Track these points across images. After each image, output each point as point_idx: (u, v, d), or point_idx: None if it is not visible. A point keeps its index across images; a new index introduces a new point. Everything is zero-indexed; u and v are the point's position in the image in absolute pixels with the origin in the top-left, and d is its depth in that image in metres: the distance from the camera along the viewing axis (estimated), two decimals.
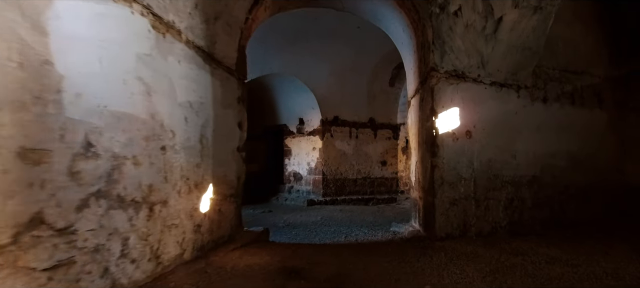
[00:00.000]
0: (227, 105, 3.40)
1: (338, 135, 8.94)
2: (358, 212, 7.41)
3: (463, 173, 3.66)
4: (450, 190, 3.60)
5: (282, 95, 9.31)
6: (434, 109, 3.58)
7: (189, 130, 2.64)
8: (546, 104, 4.47)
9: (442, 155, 3.58)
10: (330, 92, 8.78)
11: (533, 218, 4.20)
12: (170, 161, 2.38)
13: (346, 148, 9.01)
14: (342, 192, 8.88)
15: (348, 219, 6.31)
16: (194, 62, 2.74)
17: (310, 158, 8.99)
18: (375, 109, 9.43)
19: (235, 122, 3.60)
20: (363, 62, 8.65)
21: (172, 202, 2.41)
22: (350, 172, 9.02)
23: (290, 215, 6.77)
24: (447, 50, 3.61)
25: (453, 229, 3.59)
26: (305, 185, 9.09)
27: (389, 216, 6.86)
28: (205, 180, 2.90)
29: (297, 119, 9.33)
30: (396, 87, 9.53)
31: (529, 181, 4.17)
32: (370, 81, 9.08)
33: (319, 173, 8.74)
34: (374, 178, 9.34)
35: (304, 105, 9.06)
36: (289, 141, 9.54)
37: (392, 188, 9.58)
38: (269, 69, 8.20)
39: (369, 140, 9.33)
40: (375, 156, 9.39)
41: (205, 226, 2.90)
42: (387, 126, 9.60)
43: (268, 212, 7.35)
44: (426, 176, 3.84)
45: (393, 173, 9.61)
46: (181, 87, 2.54)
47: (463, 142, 3.68)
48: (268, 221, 6.05)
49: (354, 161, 9.08)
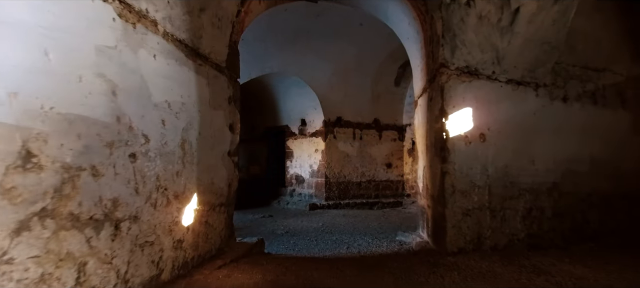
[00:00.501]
0: (216, 105, 3.09)
1: (341, 136, 8.60)
2: (362, 217, 7.07)
3: (476, 180, 3.31)
4: (463, 199, 3.25)
5: (284, 96, 9.00)
6: (444, 109, 3.24)
7: (167, 134, 2.33)
8: (566, 104, 4.09)
9: (453, 160, 3.23)
10: (332, 92, 8.45)
11: (553, 229, 3.83)
12: (143, 170, 2.08)
13: (350, 150, 8.68)
14: (345, 196, 8.55)
15: (351, 225, 5.98)
16: (174, 57, 2.43)
17: (312, 160, 8.67)
18: (380, 109, 9.09)
19: (226, 124, 3.29)
20: (367, 60, 8.30)
21: (145, 216, 2.11)
22: (354, 175, 8.68)
23: (291, 221, 6.46)
24: (459, 45, 3.27)
25: (466, 243, 3.24)
26: (307, 189, 8.77)
27: (395, 222, 6.52)
28: (188, 190, 2.59)
29: (299, 119, 9.02)
30: (402, 87, 9.17)
31: (548, 189, 3.80)
32: (375, 80, 8.74)
33: (321, 176, 8.42)
34: (379, 181, 8.99)
35: (305, 105, 8.74)
36: (290, 143, 9.23)
37: (398, 192, 9.22)
38: (270, 68, 7.90)
39: (373, 141, 8.98)
40: (380, 158, 9.04)
41: (188, 241, 2.59)
42: (392, 127, 9.25)
43: (268, 216, 7.05)
44: (435, 183, 3.49)
45: (399, 176, 9.26)
46: (157, 85, 2.24)
47: (476, 145, 3.33)
48: (267, 228, 5.74)
49: (358, 163, 8.74)
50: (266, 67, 7.87)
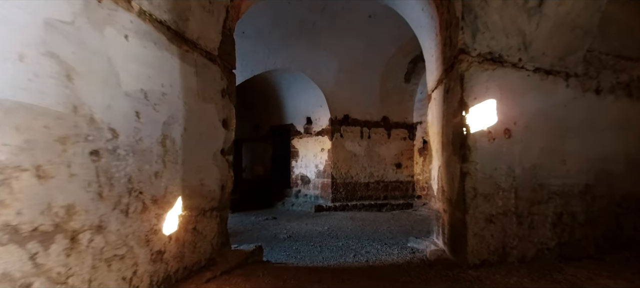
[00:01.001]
0: (207, 98, 2.76)
1: (348, 135, 8.23)
2: (370, 220, 6.69)
3: (501, 182, 2.91)
4: (486, 204, 2.86)
5: (289, 93, 8.67)
6: (464, 101, 2.85)
7: (143, 128, 2.00)
8: (599, 96, 3.66)
9: (474, 159, 2.84)
10: (339, 89, 8.08)
11: (586, 237, 3.41)
12: (109, 170, 1.75)
13: (357, 150, 8.30)
14: (353, 197, 8.17)
15: (359, 229, 5.61)
16: (152, 39, 2.11)
17: (318, 160, 8.31)
18: (389, 106, 8.68)
19: (218, 119, 2.96)
20: (375, 56, 7.92)
21: (113, 225, 1.78)
22: (361, 175, 8.30)
23: (295, 224, 6.12)
24: (480, 28, 2.88)
25: (489, 254, 2.85)
26: (313, 190, 8.42)
27: (406, 225, 6.12)
28: (171, 193, 2.26)
29: (304, 118, 8.67)
30: (412, 83, 8.76)
31: (581, 191, 3.38)
32: (384, 77, 8.34)
33: (327, 177, 8.06)
34: (388, 182, 8.59)
35: (311, 103, 8.39)
36: (296, 142, 8.89)
37: (408, 193, 8.81)
38: (273, 64, 7.58)
39: (382, 140, 8.59)
40: (389, 158, 8.64)
41: (170, 252, 2.26)
42: (402, 125, 8.84)
43: (272, 219, 6.72)
44: (453, 185, 3.10)
45: (409, 176, 8.84)
46: (129, 71, 1.91)
47: (501, 143, 2.93)
48: (269, 231, 5.41)
49: (365, 163, 8.36)
50: (270, 63, 7.54)
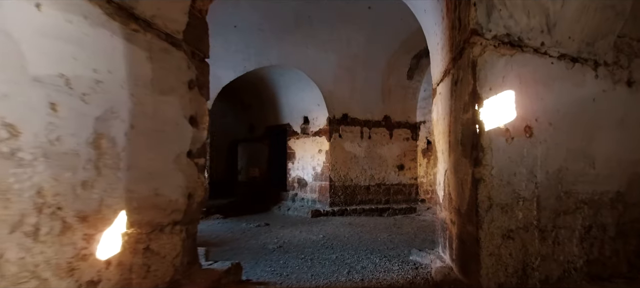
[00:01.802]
0: (166, 89, 2.31)
1: (348, 135, 7.76)
2: (370, 226, 6.21)
3: (521, 190, 2.42)
4: (503, 216, 2.37)
5: (285, 91, 8.21)
6: (477, 92, 2.37)
7: (63, 124, 1.55)
8: (631, 89, 3.15)
9: (489, 162, 2.36)
10: (338, 87, 7.62)
11: (616, 253, 2.90)
12: (6, 180, 1.30)
13: (357, 151, 7.82)
14: (352, 201, 7.69)
15: (357, 238, 5.13)
16: (81, 12, 1.66)
17: (315, 162, 7.85)
18: (391, 105, 8.20)
19: (183, 115, 2.51)
20: (376, 51, 7.44)
21: (12, 254, 1.33)
22: (361, 178, 7.82)
23: (288, 231, 5.65)
24: (497, 4, 2.40)
25: (507, 276, 2.36)
26: (310, 193, 7.95)
27: (408, 233, 5.64)
28: (109, 207, 1.81)
29: (301, 117, 8.21)
30: (415, 80, 8.27)
31: (611, 199, 2.88)
32: (385, 73, 7.86)
33: (325, 180, 7.59)
34: (390, 185, 8.10)
35: (308, 101, 7.93)
36: (292, 143, 8.43)
37: (411, 197, 8.31)
38: (268, 60, 7.13)
39: (383, 141, 8.10)
40: (391, 159, 8.15)
41: (110, 280, 1.81)
42: (404, 125, 8.35)
43: (264, 225, 6.26)
44: (463, 193, 2.62)
45: (412, 178, 8.34)
46: (42, 49, 1.46)
47: (521, 143, 2.45)
48: (258, 240, 4.95)
49: (366, 165, 7.88)
50: (264, 59, 7.10)
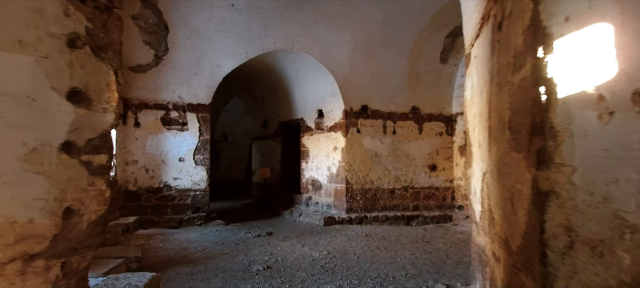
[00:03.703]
0: (7, 42, 1.43)
1: (367, 130, 6.64)
2: (392, 239, 5.08)
3: (630, 212, 1.25)
4: (595, 264, 1.22)
5: (296, 80, 7.28)
6: (541, 24, 1.24)
7: None
8: None
9: (568, 159, 1.21)
10: (355, 73, 6.53)
11: None
12: None
13: (379, 148, 6.68)
14: (373, 207, 6.57)
15: (369, 257, 4.05)
16: None
17: (330, 161, 6.82)
18: (420, 94, 6.96)
19: (54, 88, 1.63)
20: (401, 29, 6.27)
21: None
22: (384, 180, 6.67)
23: (289, 244, 4.70)
24: None
25: None
26: (325, 197, 6.95)
27: (440, 249, 4.46)
28: None
29: (315, 110, 7.23)
30: (450, 64, 6.95)
31: None
32: (413, 56, 6.64)
33: (341, 182, 6.54)
34: (419, 188, 6.86)
35: (322, 92, 6.93)
36: (306, 140, 7.47)
37: (446, 202, 7.01)
38: (272, 43, 6.23)
39: (411, 136, 6.88)
40: (421, 158, 6.90)
41: None
42: (437, 117, 7.06)
43: (265, 235, 5.36)
44: (516, 216, 1.49)
45: (447, 181, 7.03)
46: None
47: (628, 122, 1.27)
48: (247, 258, 4.04)
49: (389, 165, 6.71)
50: (268, 43, 6.21)
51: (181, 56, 6.01)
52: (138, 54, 5.79)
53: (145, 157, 5.97)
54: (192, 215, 6.14)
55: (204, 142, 6.34)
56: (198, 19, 5.75)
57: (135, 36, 5.63)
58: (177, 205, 6.13)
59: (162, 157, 6.07)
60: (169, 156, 6.10)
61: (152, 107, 6.04)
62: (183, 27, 5.77)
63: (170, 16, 5.63)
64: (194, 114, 6.28)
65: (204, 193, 6.30)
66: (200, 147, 6.31)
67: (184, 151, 6.19)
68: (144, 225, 5.70)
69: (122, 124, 5.75)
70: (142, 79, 5.96)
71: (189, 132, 6.24)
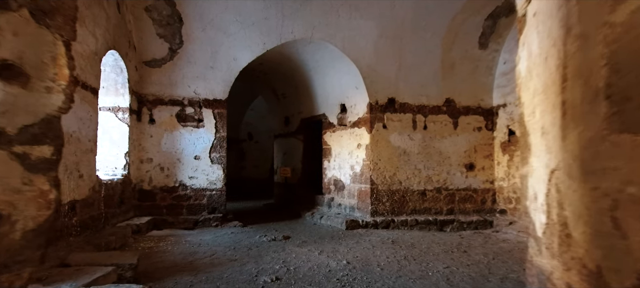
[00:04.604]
0: None
1: (394, 125, 6.03)
2: (423, 247, 4.47)
3: None
4: None
5: (318, 73, 6.81)
6: None
7: None
8: None
9: None
10: (380, 63, 5.95)
11: None
12: None
13: (408, 145, 6.04)
14: (401, 210, 5.95)
15: (397, 271, 3.48)
16: None
17: (354, 159, 6.28)
18: (455, 84, 6.24)
19: None
20: (433, 13, 5.62)
21: None
22: (414, 180, 6.02)
23: (305, 251, 4.23)
24: None
25: None
26: (348, 198, 6.42)
27: (479, 262, 3.81)
28: None
29: (337, 105, 6.72)
30: (491, 50, 6.17)
31: None
32: (447, 42, 5.95)
33: (365, 182, 5.98)
34: (454, 189, 6.15)
35: (344, 85, 6.41)
36: (328, 136, 6.98)
37: (485, 206, 6.24)
38: (291, 33, 5.80)
39: (444, 132, 6.18)
40: (456, 156, 6.19)
41: None
42: (475, 110, 6.31)
43: (281, 239, 4.94)
44: (627, 238, 0.90)
45: (486, 182, 6.26)
46: None
47: None
48: (256, 267, 3.61)
49: (420, 164, 6.06)
50: (286, 32, 5.78)
51: (196, 49, 5.74)
52: (152, 47, 5.58)
53: (160, 155, 5.76)
54: (207, 216, 5.86)
55: (221, 140, 6.03)
56: (213, 9, 5.44)
57: (149, 29, 5.42)
58: (193, 205, 5.86)
59: (178, 155, 5.83)
60: (184, 154, 5.85)
61: (168, 103, 5.82)
62: (198, 18, 5.49)
63: (184, 7, 5.37)
64: (210, 110, 5.99)
65: (220, 193, 6.00)
66: (217, 144, 6.01)
67: (199, 149, 5.92)
68: (158, 226, 5.48)
69: (136, 120, 5.57)
70: (157, 74, 5.75)
71: (205, 129, 5.96)
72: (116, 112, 5.19)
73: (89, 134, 3.88)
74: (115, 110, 5.19)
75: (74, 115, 3.50)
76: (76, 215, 3.57)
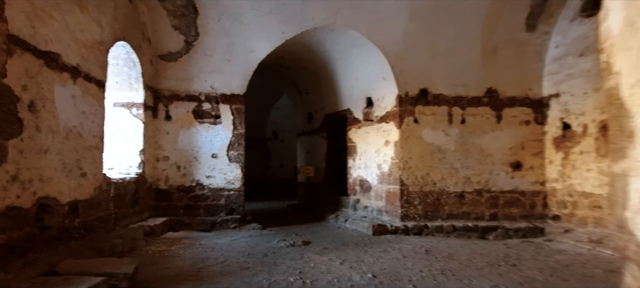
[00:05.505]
0: None
1: (427, 119, 5.40)
2: (463, 259, 3.85)
3: None
4: None
5: (340, 65, 6.31)
6: None
7: None
8: None
9: None
10: (411, 50, 5.34)
11: None
12: None
13: (443, 141, 5.39)
14: (436, 214, 5.31)
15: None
16: None
17: (381, 158, 5.71)
18: (498, 72, 5.50)
19: None
20: None
21: None
22: (450, 181, 5.36)
23: (325, 260, 3.75)
24: None
25: None
26: (375, 200, 5.86)
27: (534, 278, 3.19)
28: None
29: (363, 99, 6.17)
30: (540, 32, 5.37)
31: None
32: (488, 24, 5.24)
33: (394, 182, 5.39)
34: (498, 192, 5.41)
35: (370, 76, 5.86)
36: (353, 133, 6.45)
37: (535, 211, 5.44)
38: (311, 19, 5.35)
39: (486, 126, 5.46)
40: (500, 154, 5.44)
41: None
42: (522, 102, 5.53)
43: (301, 244, 4.49)
44: None
45: (536, 183, 5.46)
46: None
47: None
48: (269, 278, 3.17)
49: (457, 163, 5.38)
50: (306, 19, 5.33)
51: (212, 41, 5.44)
52: (167, 40, 5.34)
53: (177, 153, 5.51)
54: (225, 217, 5.54)
55: (239, 137, 5.70)
56: None
57: (163, 21, 5.18)
58: (210, 205, 5.57)
59: (194, 153, 5.56)
60: (201, 152, 5.57)
61: (184, 98, 5.57)
62: (213, 7, 5.17)
63: None
64: (228, 105, 5.68)
65: (238, 193, 5.66)
66: (235, 142, 5.68)
67: (217, 147, 5.62)
68: (174, 227, 5.22)
69: (152, 117, 5.35)
70: (173, 68, 5.52)
71: (222, 125, 5.65)
72: (130, 108, 4.99)
73: (93, 129, 3.63)
74: (129, 105, 4.98)
75: (75, 108, 3.25)
76: (78, 217, 3.32)
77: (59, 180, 2.98)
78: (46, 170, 2.77)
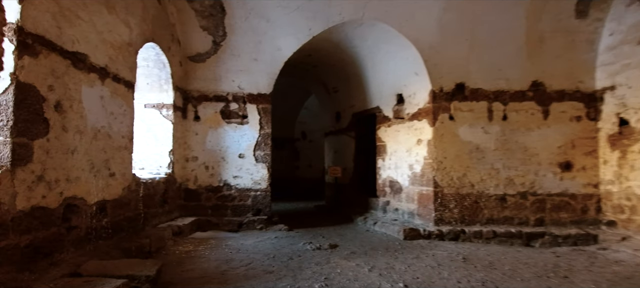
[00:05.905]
0: None
1: (464, 116, 5.03)
2: (506, 269, 3.50)
3: None
4: None
5: (369, 61, 6.06)
6: None
7: None
8: None
9: None
10: (446, 42, 5.00)
11: None
12: None
13: (481, 140, 4.99)
14: (474, 219, 4.93)
15: None
16: None
17: (413, 157, 5.40)
18: (545, 64, 5.01)
19: None
20: None
21: None
22: (490, 183, 4.95)
23: (353, 265, 3.54)
24: None
25: None
26: (406, 202, 5.55)
27: None
28: None
29: (393, 95, 5.88)
30: (591, 19, 4.84)
31: None
32: (534, 11, 4.80)
33: (427, 183, 5.07)
34: (545, 194, 4.93)
35: (401, 71, 5.57)
36: (382, 132, 6.17)
37: (587, 216, 4.91)
38: (338, 14, 5.16)
39: (531, 123, 5.00)
40: (547, 153, 4.96)
41: None
42: (572, 95, 5.02)
43: (327, 248, 4.31)
44: None
45: (588, 185, 4.93)
46: None
47: None
48: (288, 285, 3.03)
49: (498, 163, 4.96)
50: (333, 14, 5.15)
51: (239, 40, 5.40)
52: (196, 41, 5.37)
53: (205, 153, 5.53)
54: (252, 217, 5.48)
55: (265, 137, 5.62)
56: None
57: (192, 22, 5.20)
58: (237, 206, 5.54)
59: (222, 153, 5.55)
60: (228, 152, 5.56)
61: (212, 99, 5.58)
62: (240, 6, 5.12)
63: None
64: (254, 105, 5.62)
65: (265, 193, 5.59)
66: (261, 142, 5.61)
67: (243, 146, 5.58)
68: (203, 227, 5.24)
69: (182, 117, 5.40)
70: (202, 69, 5.54)
71: (249, 125, 5.60)
72: (160, 109, 5.05)
73: (122, 129, 3.66)
74: (160, 107, 5.05)
75: (103, 109, 3.28)
76: (106, 217, 3.35)
77: (87, 180, 3.00)
78: (73, 170, 2.79)
